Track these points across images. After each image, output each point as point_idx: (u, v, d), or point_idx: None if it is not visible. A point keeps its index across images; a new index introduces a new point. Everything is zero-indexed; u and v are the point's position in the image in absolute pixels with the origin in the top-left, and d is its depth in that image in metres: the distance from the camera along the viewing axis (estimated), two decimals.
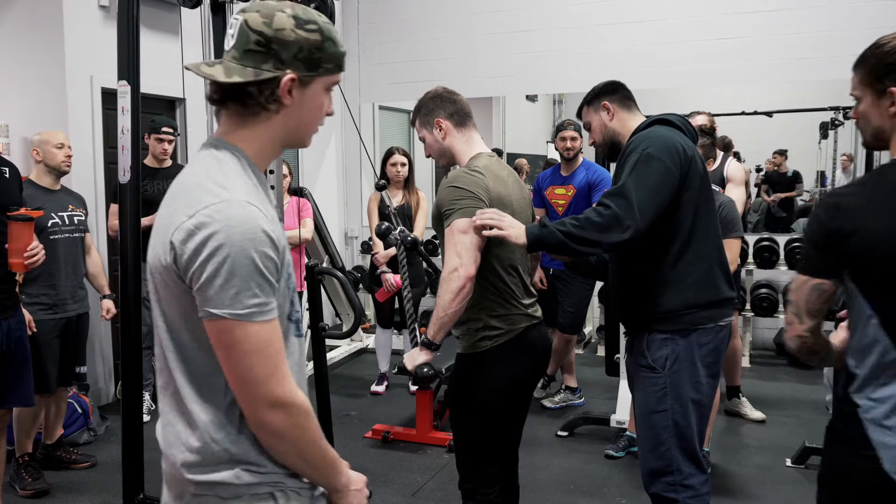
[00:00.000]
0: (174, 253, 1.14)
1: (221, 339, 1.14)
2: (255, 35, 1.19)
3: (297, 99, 1.23)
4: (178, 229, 1.13)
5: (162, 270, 1.17)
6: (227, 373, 1.16)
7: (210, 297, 1.12)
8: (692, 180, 2.15)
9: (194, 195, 1.16)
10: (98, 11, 4.57)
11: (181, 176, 1.25)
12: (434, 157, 2.36)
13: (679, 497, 2.18)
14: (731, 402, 4.40)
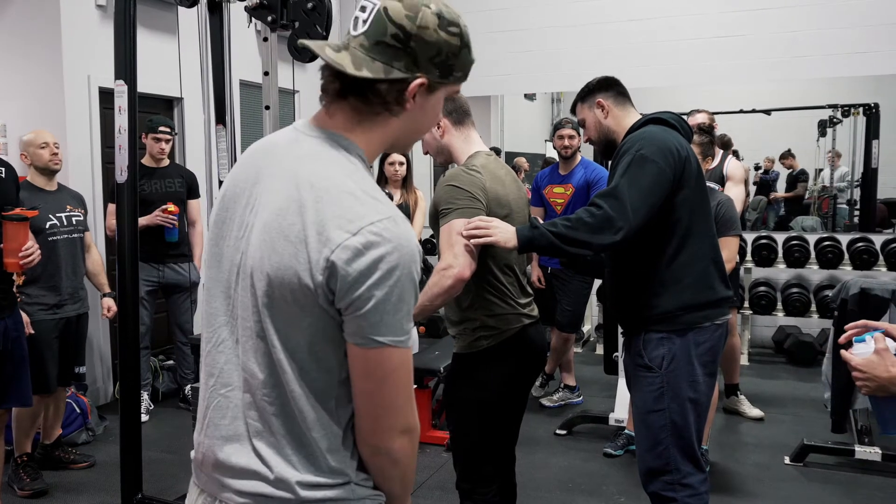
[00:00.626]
0: (330, 272, 1.00)
1: (379, 367, 1.05)
2: (394, 27, 1.07)
3: (419, 104, 1.12)
4: (340, 247, 1.00)
5: (295, 288, 1.03)
6: (366, 401, 1.07)
7: (375, 324, 1.02)
8: (686, 181, 2.14)
9: (348, 206, 1.03)
10: (95, 11, 4.57)
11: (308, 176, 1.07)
12: (431, 154, 2.35)
13: (678, 496, 2.18)
14: (730, 399, 4.41)
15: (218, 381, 1.14)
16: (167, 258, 4.42)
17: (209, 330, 1.16)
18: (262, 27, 2.66)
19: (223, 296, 1.14)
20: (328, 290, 1.02)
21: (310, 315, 1.04)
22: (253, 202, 1.11)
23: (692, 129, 2.35)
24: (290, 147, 1.13)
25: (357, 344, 1.04)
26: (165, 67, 3.39)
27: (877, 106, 6.20)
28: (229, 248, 1.14)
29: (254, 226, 1.09)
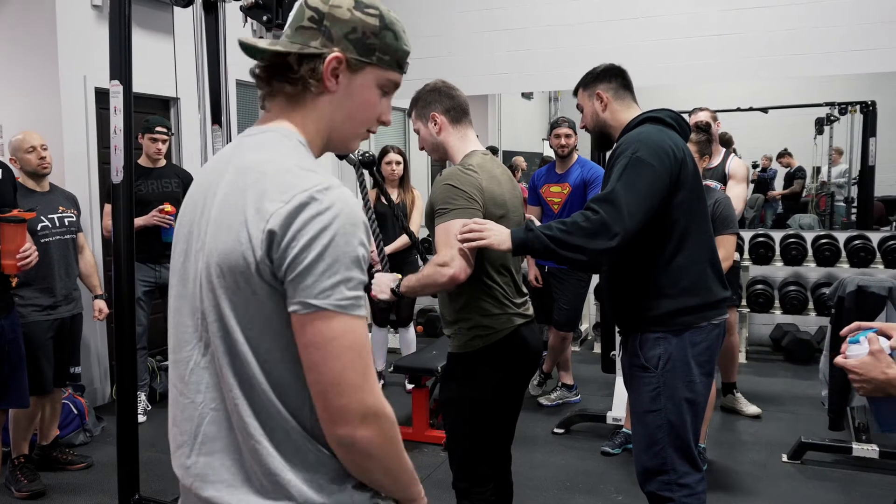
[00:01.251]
0: (268, 242, 1.00)
1: (316, 335, 1.00)
2: (309, 11, 1.13)
3: (344, 85, 1.14)
4: (273, 216, 1.00)
5: (244, 270, 1.02)
6: (314, 380, 1.02)
7: (308, 286, 0.99)
8: (683, 182, 2.14)
9: (285, 180, 1.03)
10: (91, 11, 4.56)
11: (249, 163, 1.08)
12: (427, 151, 2.35)
13: (675, 496, 2.18)
14: (727, 398, 4.41)
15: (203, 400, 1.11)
16: (164, 259, 4.41)
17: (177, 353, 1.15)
18: (258, 27, 2.65)
19: (191, 314, 1.12)
20: (268, 262, 1.01)
21: (258, 296, 1.03)
22: (206, 209, 1.11)
23: (690, 128, 2.34)
24: (234, 150, 1.16)
25: (295, 311, 1.01)
26: (161, 67, 3.39)
27: (874, 103, 6.21)
28: (191, 262, 1.13)
29: (207, 230, 1.09)
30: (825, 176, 7.43)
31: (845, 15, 5.44)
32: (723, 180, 4.28)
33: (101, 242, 4.60)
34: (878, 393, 1.57)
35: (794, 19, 5.56)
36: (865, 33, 5.40)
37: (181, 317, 1.14)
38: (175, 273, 1.17)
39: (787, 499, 3.32)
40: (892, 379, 1.52)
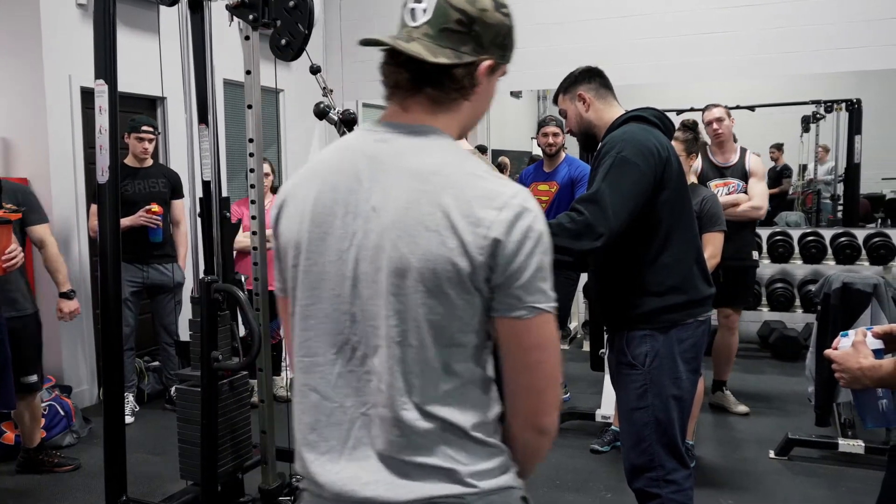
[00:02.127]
0: (491, 249, 1.02)
1: (542, 336, 1.07)
2: (456, 13, 1.09)
3: (484, 87, 1.15)
4: (494, 224, 1.02)
5: (450, 275, 1.02)
6: (533, 377, 1.08)
7: (534, 291, 1.05)
8: (668, 181, 2.14)
9: (483, 186, 1.05)
10: (76, 10, 4.53)
11: (427, 168, 1.07)
12: None
13: (662, 492, 2.19)
14: (716, 395, 4.43)
15: (353, 405, 1.10)
16: (151, 259, 4.39)
17: (314, 358, 1.13)
18: (244, 26, 2.64)
19: (333, 318, 1.10)
20: (487, 269, 1.03)
21: (464, 302, 1.04)
22: (354, 209, 1.09)
23: (674, 126, 2.35)
24: (381, 146, 1.11)
25: (519, 317, 1.05)
26: (147, 66, 3.36)
27: (859, 101, 6.25)
28: (331, 263, 1.10)
29: (368, 231, 1.07)
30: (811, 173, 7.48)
31: (832, 13, 5.48)
32: (744, 177, 4.30)
33: (87, 243, 4.57)
34: (857, 384, 1.64)
35: (781, 18, 5.60)
36: (851, 32, 5.44)
37: (313, 321, 1.12)
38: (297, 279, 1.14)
39: (774, 494, 3.34)
40: (865, 369, 1.60)
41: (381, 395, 1.07)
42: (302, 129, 6.80)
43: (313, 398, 1.13)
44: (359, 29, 6.80)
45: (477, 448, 1.09)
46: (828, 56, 5.53)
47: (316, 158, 1.18)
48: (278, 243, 1.19)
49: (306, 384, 1.14)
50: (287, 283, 1.18)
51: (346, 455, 1.10)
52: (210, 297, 2.61)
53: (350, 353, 1.10)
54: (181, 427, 2.88)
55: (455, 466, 1.07)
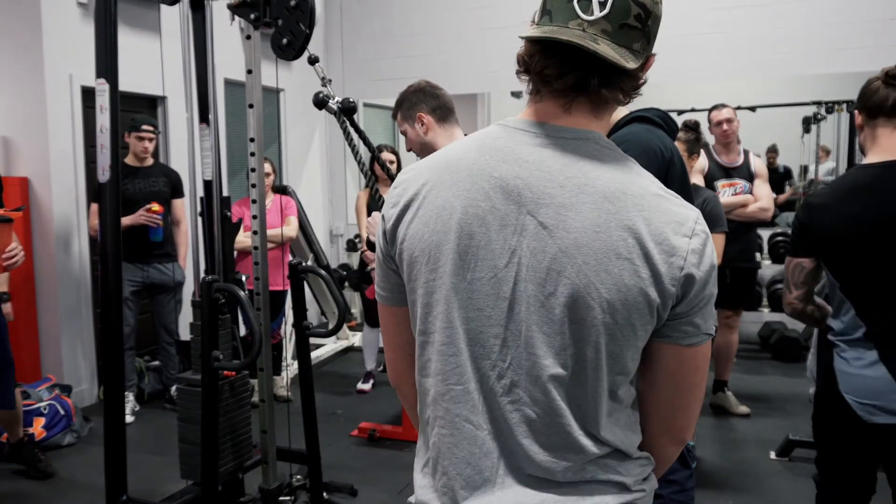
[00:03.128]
0: (685, 280, 0.96)
1: (702, 359, 1.05)
2: (636, 7, 0.97)
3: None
4: (689, 253, 0.96)
5: (641, 306, 0.96)
6: (689, 397, 1.08)
7: (707, 318, 1.02)
8: (670, 182, 2.13)
9: (669, 210, 0.98)
10: (77, 9, 4.52)
11: (612, 186, 0.98)
12: (415, 152, 2.35)
13: (664, 493, 2.18)
14: (717, 395, 4.42)
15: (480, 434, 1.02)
16: (152, 258, 4.39)
17: (459, 386, 1.02)
18: (245, 25, 2.64)
19: (472, 346, 1.01)
20: (676, 299, 0.98)
21: (641, 329, 0.98)
22: (514, 223, 0.98)
23: (677, 127, 2.34)
24: (544, 153, 1.00)
25: (691, 344, 1.02)
26: (148, 65, 3.36)
27: None
28: (483, 281, 0.99)
29: (536, 250, 0.97)
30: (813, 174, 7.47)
31: (833, 14, 5.47)
32: (749, 178, 4.31)
33: (87, 242, 4.57)
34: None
35: (782, 19, 5.60)
36: (852, 33, 5.43)
37: (458, 341, 1.02)
38: (433, 293, 1.02)
39: (775, 496, 3.34)
40: None
41: (541, 423, 1.01)
42: (303, 128, 6.79)
43: (467, 430, 1.02)
44: (359, 29, 6.80)
45: (637, 463, 1.09)
46: (828, 57, 5.52)
47: (450, 156, 1.05)
48: (400, 248, 1.04)
49: (457, 414, 1.03)
50: (415, 293, 1.04)
51: (499, 486, 1.03)
52: (211, 296, 2.61)
53: (495, 380, 1.01)
54: (181, 426, 2.88)
55: (625, 481, 1.06)
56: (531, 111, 1.03)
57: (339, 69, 6.86)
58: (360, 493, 3.39)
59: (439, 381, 1.03)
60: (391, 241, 1.06)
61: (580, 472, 1.02)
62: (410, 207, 1.04)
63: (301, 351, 3.00)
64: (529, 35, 0.98)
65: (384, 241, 1.08)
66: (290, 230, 4.61)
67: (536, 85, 1.01)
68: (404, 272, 1.06)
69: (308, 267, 3.05)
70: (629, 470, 1.06)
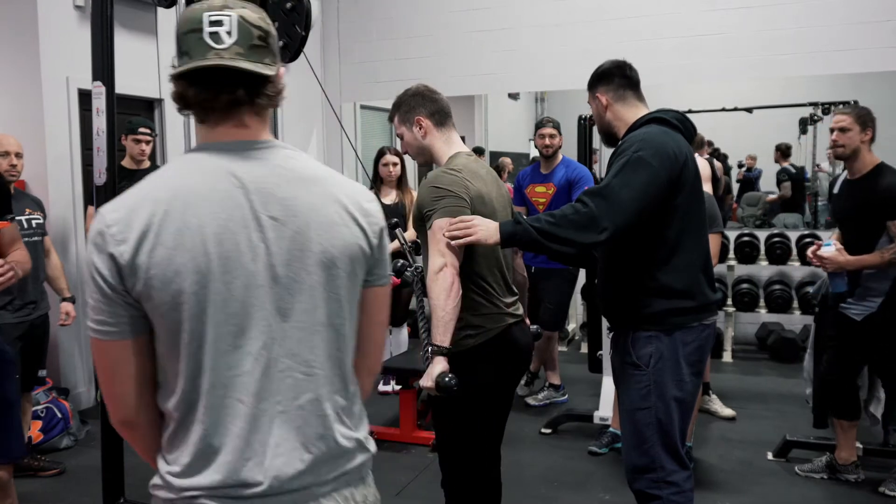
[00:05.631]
0: (380, 234, 1.27)
1: (386, 297, 1.35)
2: (256, 31, 1.17)
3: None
4: (376, 214, 1.27)
5: (359, 258, 1.24)
6: (378, 331, 1.34)
7: (387, 263, 1.32)
8: (683, 185, 2.14)
9: (352, 184, 1.28)
10: (73, 11, 4.52)
11: (314, 173, 1.22)
12: (412, 155, 2.35)
13: (662, 494, 2.19)
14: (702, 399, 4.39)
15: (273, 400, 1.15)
16: None
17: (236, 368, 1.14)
18: None
19: (251, 323, 1.14)
20: (378, 249, 1.27)
21: (360, 276, 1.25)
22: (254, 223, 1.14)
23: (695, 129, 2.34)
24: (252, 163, 1.18)
25: (381, 284, 1.31)
26: (145, 68, 3.36)
27: (856, 103, 6.26)
28: (243, 278, 1.13)
29: (283, 236, 1.15)
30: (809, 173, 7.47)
31: (829, 15, 5.48)
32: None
33: (84, 245, 4.56)
34: (837, 270, 3.16)
35: (778, 20, 5.60)
36: (848, 34, 5.45)
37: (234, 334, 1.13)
38: (202, 305, 1.11)
39: (772, 496, 3.34)
40: (841, 262, 3.13)
41: (316, 382, 1.19)
42: (300, 130, 6.79)
43: (241, 408, 1.14)
44: (356, 30, 6.80)
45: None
46: (825, 58, 5.53)
47: (174, 183, 1.16)
48: (147, 276, 1.09)
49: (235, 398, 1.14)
50: (180, 309, 1.11)
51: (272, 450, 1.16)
52: None
53: (267, 355, 1.15)
54: None
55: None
56: (214, 136, 1.19)
57: (336, 71, 6.86)
58: None
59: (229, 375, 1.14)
60: (130, 275, 1.10)
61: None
62: (146, 238, 1.10)
63: None
64: (179, 71, 1.14)
65: (117, 277, 1.11)
66: None
67: (200, 115, 1.19)
68: (155, 298, 1.11)
69: None
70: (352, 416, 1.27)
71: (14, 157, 3.49)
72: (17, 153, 3.51)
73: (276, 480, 1.14)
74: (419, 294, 2.43)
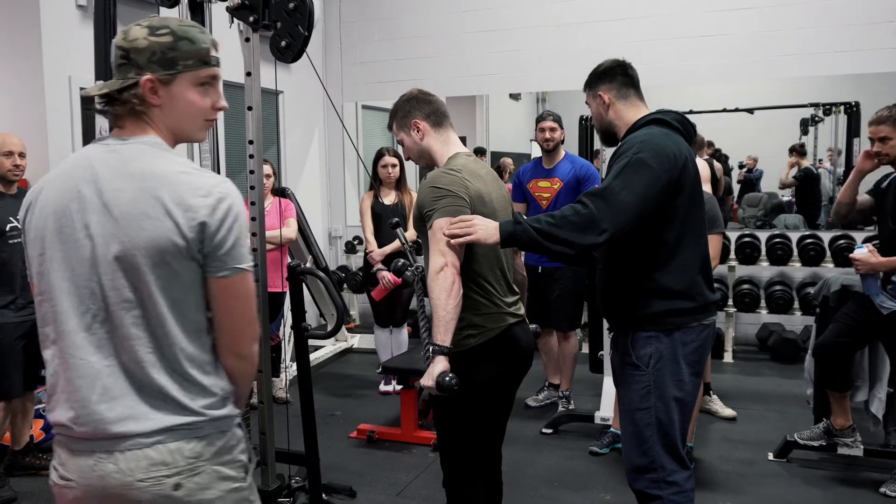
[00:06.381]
0: (200, 228, 1.35)
1: (241, 288, 1.43)
2: (118, 51, 1.43)
3: (166, 97, 1.43)
4: (201, 209, 1.35)
5: (171, 250, 1.35)
6: (234, 319, 1.43)
7: (236, 255, 1.40)
8: (683, 187, 2.14)
9: (191, 180, 1.38)
10: (76, 11, 4.53)
11: (143, 169, 1.38)
12: (413, 159, 2.36)
13: (663, 494, 2.19)
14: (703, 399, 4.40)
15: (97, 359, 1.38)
16: None
17: (62, 326, 1.39)
18: (244, 27, 2.64)
19: (76, 294, 1.38)
20: (198, 242, 1.36)
21: (183, 268, 1.37)
22: (93, 210, 1.37)
23: (695, 130, 2.34)
24: (110, 156, 1.41)
25: (224, 276, 1.40)
26: None
27: (857, 104, 6.26)
28: (74, 253, 1.38)
29: (102, 223, 1.36)
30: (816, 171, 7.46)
31: (830, 16, 5.49)
32: None
33: None
34: (870, 271, 3.22)
35: (779, 21, 5.61)
36: (850, 35, 5.45)
37: (63, 296, 1.39)
38: (42, 266, 1.41)
39: (773, 496, 3.34)
40: (873, 264, 3.20)
41: (112, 349, 1.38)
42: (302, 130, 6.80)
43: (83, 364, 1.38)
44: (358, 31, 6.81)
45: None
46: (826, 59, 5.54)
47: (59, 168, 1.46)
48: (25, 237, 1.46)
49: (65, 351, 1.39)
50: (32, 264, 1.44)
51: (97, 401, 1.37)
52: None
53: (91, 320, 1.38)
54: None
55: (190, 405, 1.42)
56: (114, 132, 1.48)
57: (337, 72, 6.87)
58: (359, 494, 3.40)
59: (52, 326, 1.42)
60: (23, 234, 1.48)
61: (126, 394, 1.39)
62: (32, 207, 1.45)
63: (300, 353, 3.01)
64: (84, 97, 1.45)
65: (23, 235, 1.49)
66: (290, 232, 4.62)
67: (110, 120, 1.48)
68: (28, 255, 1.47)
69: (307, 269, 3.06)
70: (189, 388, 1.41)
71: (17, 157, 3.49)
72: (20, 153, 3.51)
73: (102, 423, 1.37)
74: (420, 294, 2.43)
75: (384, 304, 4.90)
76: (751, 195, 7.38)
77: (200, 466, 1.39)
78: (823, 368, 3.51)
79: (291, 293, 3.00)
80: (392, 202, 4.79)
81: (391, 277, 4.63)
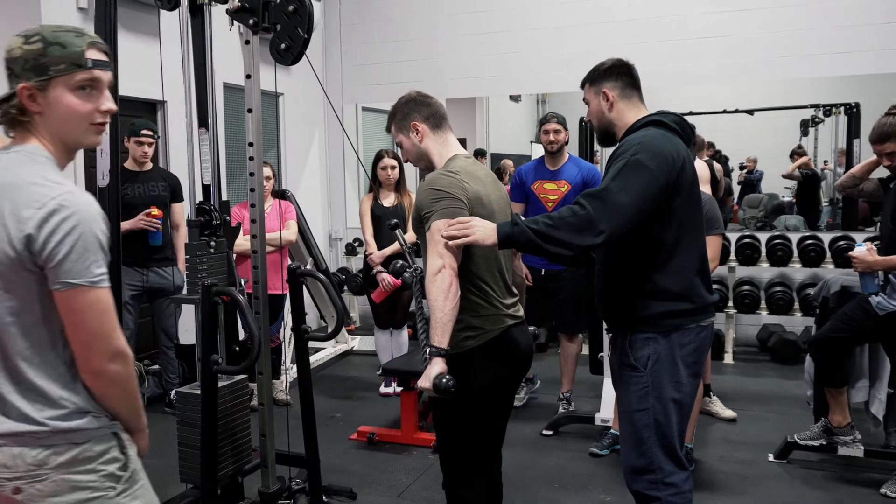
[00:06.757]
0: (27, 240, 1.34)
1: (77, 303, 1.38)
2: (4, 63, 1.46)
3: (44, 104, 1.43)
4: (29, 221, 1.34)
5: (7, 264, 1.36)
6: (76, 333, 1.40)
7: (68, 270, 1.35)
8: (680, 189, 2.14)
9: (33, 191, 1.37)
10: (77, 13, 4.54)
11: (7, 178, 1.39)
12: (412, 162, 2.37)
13: (661, 495, 2.19)
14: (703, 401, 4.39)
15: None
16: (151, 262, 4.40)
17: None
18: (244, 30, 2.65)
19: None
20: (29, 255, 1.35)
21: (21, 280, 1.37)
22: None
23: (693, 132, 2.34)
24: None
25: (58, 289, 1.37)
26: (148, 70, 3.37)
27: (857, 105, 6.27)
28: None
29: None
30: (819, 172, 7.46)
31: (830, 17, 5.49)
32: None
33: None
34: (867, 269, 3.23)
35: (779, 22, 5.62)
36: (849, 36, 5.45)
37: None
38: None
39: (773, 498, 3.34)
40: (870, 262, 3.21)
41: None
42: (302, 132, 6.81)
43: None
44: (357, 33, 6.82)
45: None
46: (826, 60, 5.54)
47: None
48: None
49: None
50: None
51: None
52: (210, 300, 2.61)
53: None
54: (181, 430, 2.88)
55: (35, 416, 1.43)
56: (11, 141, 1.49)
57: (337, 73, 6.88)
58: (360, 496, 3.40)
59: None
60: None
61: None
62: None
63: (300, 355, 3.01)
64: None
65: None
66: (290, 234, 4.62)
67: None
68: None
69: (307, 271, 3.06)
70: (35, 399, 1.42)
71: None
72: None
73: None
74: (418, 295, 2.44)
75: (384, 306, 4.91)
76: (751, 196, 7.38)
77: (44, 474, 1.41)
78: (819, 364, 3.53)
79: (292, 295, 3.00)
80: (391, 204, 4.79)
81: (390, 279, 4.63)
